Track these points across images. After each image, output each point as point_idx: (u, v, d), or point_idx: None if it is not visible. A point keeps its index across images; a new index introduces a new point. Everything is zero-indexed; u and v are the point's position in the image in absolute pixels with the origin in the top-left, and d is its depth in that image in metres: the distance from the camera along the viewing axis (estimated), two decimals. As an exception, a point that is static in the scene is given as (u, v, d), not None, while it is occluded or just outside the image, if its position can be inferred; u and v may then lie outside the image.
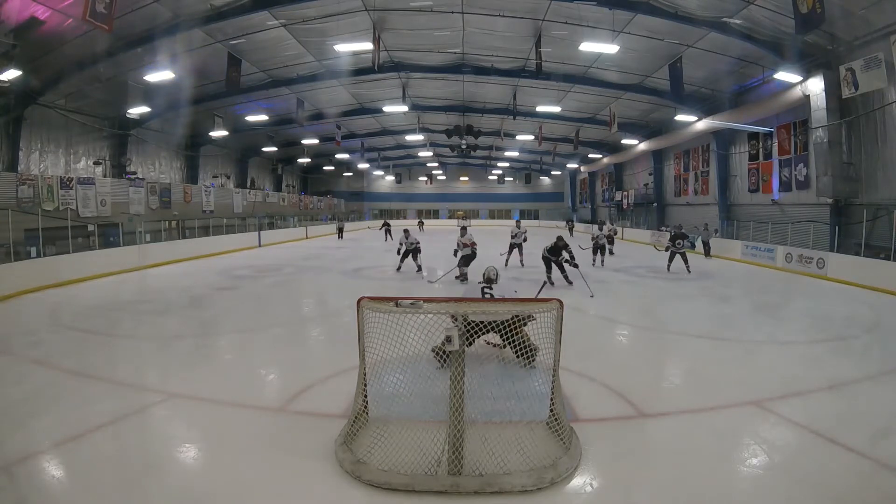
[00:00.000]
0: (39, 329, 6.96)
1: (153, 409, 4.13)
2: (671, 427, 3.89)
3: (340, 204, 41.91)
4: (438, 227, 39.51)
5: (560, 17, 13.52)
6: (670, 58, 15.31)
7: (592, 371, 4.97)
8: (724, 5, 12.04)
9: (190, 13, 12.27)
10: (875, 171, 12.81)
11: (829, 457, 3.38)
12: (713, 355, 5.68)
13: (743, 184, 19.26)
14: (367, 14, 13.44)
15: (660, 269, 13.10)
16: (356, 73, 17.26)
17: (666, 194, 26.09)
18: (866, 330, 7.34)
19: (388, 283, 11.15)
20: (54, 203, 13.73)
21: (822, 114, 13.23)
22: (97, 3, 9.12)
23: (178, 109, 17.87)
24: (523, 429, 3.43)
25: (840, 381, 4.88)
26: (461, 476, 2.97)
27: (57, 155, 16.73)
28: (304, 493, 2.95)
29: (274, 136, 26.65)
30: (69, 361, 5.29)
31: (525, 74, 17.74)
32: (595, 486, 3.05)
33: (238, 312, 8.40)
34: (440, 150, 34.54)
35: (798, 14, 10.28)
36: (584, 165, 35.32)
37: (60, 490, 3.01)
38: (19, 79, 12.23)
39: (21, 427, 3.71)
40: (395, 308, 3.18)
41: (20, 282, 9.56)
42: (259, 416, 4.01)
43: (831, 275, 12.12)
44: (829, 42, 12.53)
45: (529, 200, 46.01)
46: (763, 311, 8.66)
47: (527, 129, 25.90)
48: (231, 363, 5.56)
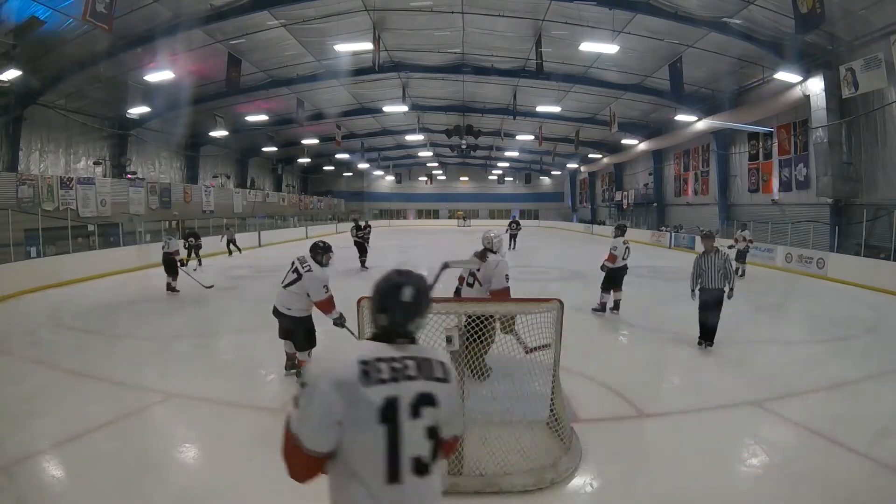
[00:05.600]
0: (39, 329, 6.96)
1: (153, 408, 4.13)
2: (671, 427, 3.88)
3: (340, 204, 41.90)
4: (437, 227, 39.55)
5: (560, 17, 13.52)
6: (670, 58, 15.31)
7: (592, 371, 4.97)
8: (724, 5, 12.04)
9: (190, 13, 12.27)
10: (875, 171, 12.81)
11: (829, 457, 3.38)
12: (713, 355, 5.68)
13: (743, 184, 19.26)
14: (367, 14, 13.43)
15: (660, 270, 13.10)
16: (356, 73, 17.26)
17: (666, 194, 26.09)
18: (866, 330, 7.34)
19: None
20: (54, 203, 13.73)
21: (822, 114, 13.23)
22: (97, 3, 9.13)
23: (178, 109, 17.86)
24: (523, 429, 3.42)
25: (840, 381, 4.89)
26: (461, 476, 2.97)
27: (57, 155, 16.73)
28: (305, 493, 2.94)
29: (274, 136, 26.65)
30: (69, 361, 5.29)
31: (525, 74, 17.74)
32: (595, 486, 3.05)
33: (238, 312, 8.39)
34: (440, 150, 34.55)
35: (798, 14, 10.29)
36: (584, 165, 35.32)
37: (60, 490, 3.01)
38: (19, 79, 12.22)
39: (21, 427, 3.71)
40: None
41: (20, 282, 9.56)
42: (259, 415, 4.01)
43: (831, 275, 12.11)
44: (829, 42, 12.53)
45: (529, 200, 46.00)
46: (763, 312, 8.65)
47: (527, 129, 25.90)
48: (231, 363, 5.55)
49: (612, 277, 7.54)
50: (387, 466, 1.26)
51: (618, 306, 7.64)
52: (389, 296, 1.39)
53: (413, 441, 1.28)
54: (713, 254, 5.70)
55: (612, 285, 7.58)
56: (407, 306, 1.38)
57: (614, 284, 7.58)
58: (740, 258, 12.25)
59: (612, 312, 7.63)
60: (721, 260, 5.62)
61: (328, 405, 1.23)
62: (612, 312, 7.62)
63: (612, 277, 7.54)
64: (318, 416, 1.23)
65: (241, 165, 29.36)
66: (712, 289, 5.63)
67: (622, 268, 7.54)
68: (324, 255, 4.56)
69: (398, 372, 1.31)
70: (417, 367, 1.34)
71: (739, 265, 12.28)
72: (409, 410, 1.29)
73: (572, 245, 23.38)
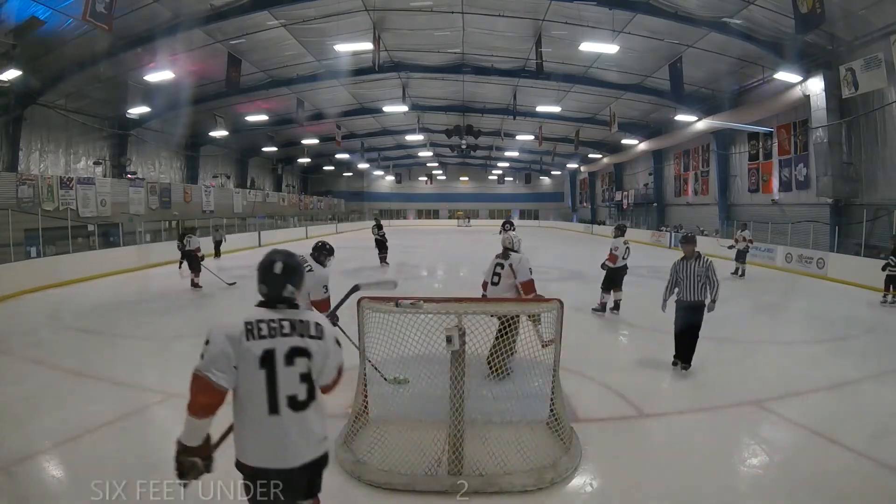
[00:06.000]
0: (39, 329, 6.96)
1: (153, 408, 4.12)
2: (671, 427, 3.89)
3: (341, 204, 41.90)
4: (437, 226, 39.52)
5: (560, 17, 13.52)
6: (670, 58, 15.31)
7: (592, 371, 4.97)
8: (724, 5, 12.05)
9: (190, 13, 12.28)
10: (875, 171, 12.81)
11: (829, 457, 3.38)
12: (713, 355, 5.67)
13: (743, 184, 19.26)
14: (367, 14, 13.44)
15: (660, 270, 13.09)
16: (356, 73, 17.27)
17: (666, 194, 26.09)
18: (866, 330, 7.34)
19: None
20: (54, 203, 13.73)
21: (822, 114, 13.23)
22: (97, 3, 9.13)
23: (178, 109, 17.87)
24: (523, 429, 3.42)
25: (840, 381, 4.88)
26: (461, 476, 2.97)
27: (57, 155, 16.73)
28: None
29: (274, 136, 26.65)
30: (69, 361, 5.29)
31: (525, 74, 17.75)
32: (595, 486, 3.05)
33: (238, 312, 8.36)
34: (440, 150, 34.56)
35: (798, 14, 10.29)
36: (584, 165, 35.34)
37: (60, 490, 3.01)
38: (19, 79, 12.24)
39: (21, 427, 3.70)
40: (395, 308, 3.18)
41: (20, 282, 9.55)
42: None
43: (831, 275, 12.11)
44: (829, 42, 12.53)
45: (529, 200, 46.02)
46: (763, 311, 8.66)
47: (527, 129, 25.91)
48: (231, 363, 5.54)
49: (612, 277, 7.53)
50: (268, 401, 1.72)
51: (618, 306, 7.64)
52: (266, 270, 1.84)
53: (288, 383, 1.73)
54: (693, 260, 4.97)
55: (612, 285, 7.57)
56: (278, 277, 1.83)
57: (614, 284, 7.57)
58: (740, 258, 12.26)
59: (612, 312, 7.62)
60: (702, 268, 4.91)
61: (224, 353, 1.69)
62: (613, 312, 7.62)
63: (612, 277, 7.53)
64: (219, 361, 1.68)
65: (241, 165, 29.36)
66: (690, 301, 4.91)
67: (622, 268, 7.53)
68: (327, 256, 4.53)
69: (275, 330, 1.76)
70: (292, 326, 1.78)
71: (739, 265, 12.29)
72: (284, 360, 1.74)
73: (572, 245, 23.38)
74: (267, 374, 1.71)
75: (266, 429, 1.72)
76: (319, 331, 1.82)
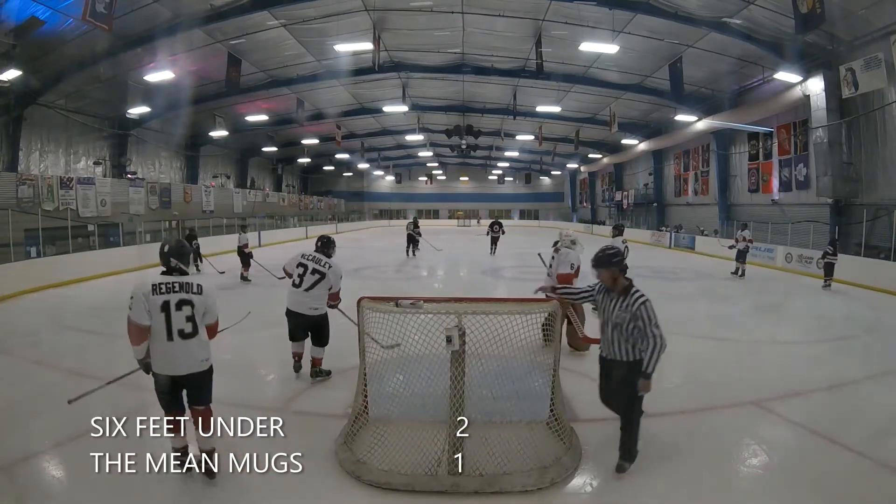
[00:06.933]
0: (39, 329, 6.96)
1: (153, 408, 4.10)
2: (671, 427, 3.88)
3: (341, 204, 41.89)
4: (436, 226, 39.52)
5: (560, 17, 13.52)
6: (670, 58, 15.31)
7: (592, 371, 4.95)
8: (724, 5, 12.05)
9: (190, 13, 12.28)
10: (875, 171, 12.81)
11: (829, 457, 3.38)
12: (713, 355, 5.68)
13: (743, 184, 19.26)
14: (367, 14, 13.44)
15: (660, 270, 13.11)
16: (356, 73, 17.26)
17: (666, 194, 26.09)
18: (866, 330, 7.34)
19: (389, 283, 11.14)
20: (54, 203, 13.72)
21: (822, 114, 13.23)
22: (97, 3, 9.14)
23: (178, 109, 17.88)
24: (523, 429, 3.42)
25: (840, 381, 4.88)
26: (461, 476, 2.97)
27: (57, 155, 16.72)
28: (305, 494, 2.95)
29: (274, 136, 26.64)
30: (69, 361, 5.30)
31: (525, 74, 17.75)
32: (595, 486, 3.05)
33: (238, 312, 8.37)
34: (440, 150, 34.55)
35: (798, 14, 10.30)
36: (584, 165, 35.32)
37: (60, 490, 3.02)
38: (19, 79, 12.23)
39: (21, 427, 3.71)
40: (395, 308, 3.18)
41: (20, 282, 9.55)
42: (259, 415, 3.99)
43: (831, 275, 12.09)
44: (829, 42, 12.52)
45: (529, 200, 45.99)
46: (763, 311, 8.65)
47: (527, 129, 25.91)
48: (231, 363, 5.54)
49: None
50: (166, 332, 2.82)
51: None
52: (161, 250, 2.93)
53: (178, 322, 2.83)
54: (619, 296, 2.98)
55: None
56: (165, 253, 2.91)
57: None
58: (740, 258, 12.26)
59: None
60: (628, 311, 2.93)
61: (142, 303, 2.78)
62: None
63: None
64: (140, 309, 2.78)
65: (241, 165, 29.34)
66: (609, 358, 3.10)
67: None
68: (334, 247, 4.78)
69: (169, 288, 2.84)
70: (180, 286, 2.87)
71: (739, 265, 12.29)
72: (175, 307, 2.83)
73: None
74: (165, 316, 2.80)
75: (165, 349, 2.84)
76: (199, 289, 2.91)
